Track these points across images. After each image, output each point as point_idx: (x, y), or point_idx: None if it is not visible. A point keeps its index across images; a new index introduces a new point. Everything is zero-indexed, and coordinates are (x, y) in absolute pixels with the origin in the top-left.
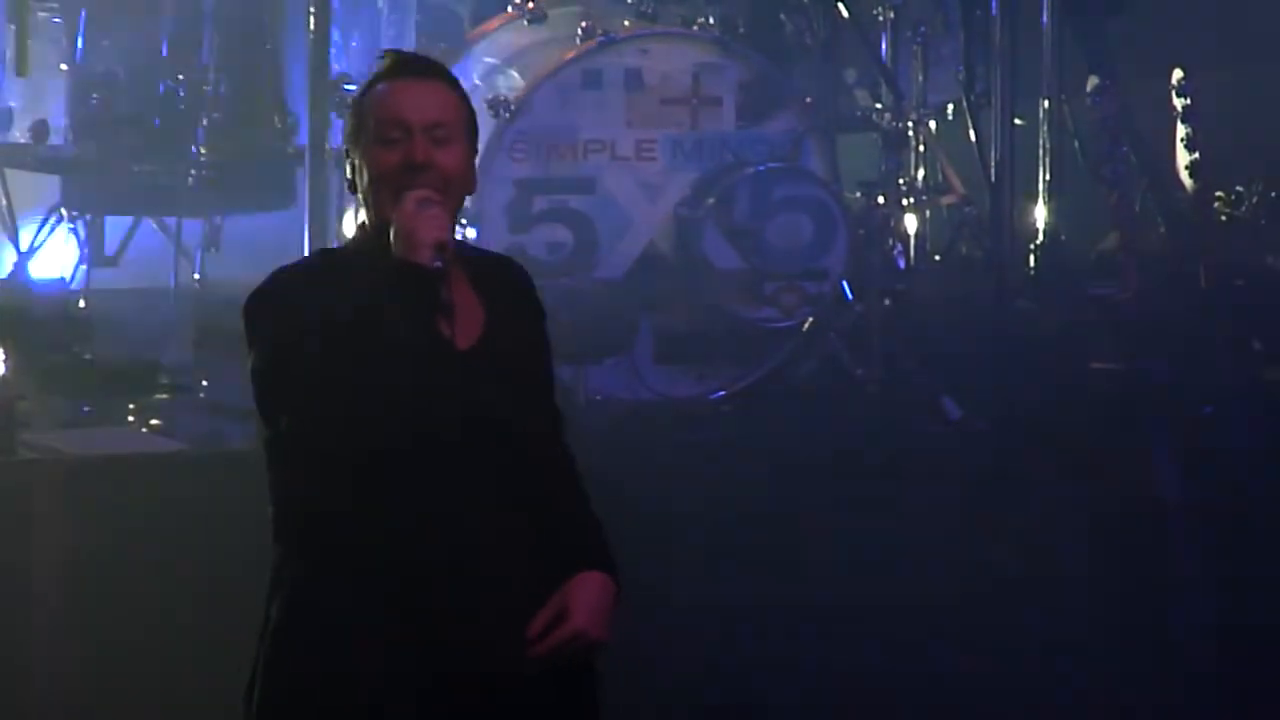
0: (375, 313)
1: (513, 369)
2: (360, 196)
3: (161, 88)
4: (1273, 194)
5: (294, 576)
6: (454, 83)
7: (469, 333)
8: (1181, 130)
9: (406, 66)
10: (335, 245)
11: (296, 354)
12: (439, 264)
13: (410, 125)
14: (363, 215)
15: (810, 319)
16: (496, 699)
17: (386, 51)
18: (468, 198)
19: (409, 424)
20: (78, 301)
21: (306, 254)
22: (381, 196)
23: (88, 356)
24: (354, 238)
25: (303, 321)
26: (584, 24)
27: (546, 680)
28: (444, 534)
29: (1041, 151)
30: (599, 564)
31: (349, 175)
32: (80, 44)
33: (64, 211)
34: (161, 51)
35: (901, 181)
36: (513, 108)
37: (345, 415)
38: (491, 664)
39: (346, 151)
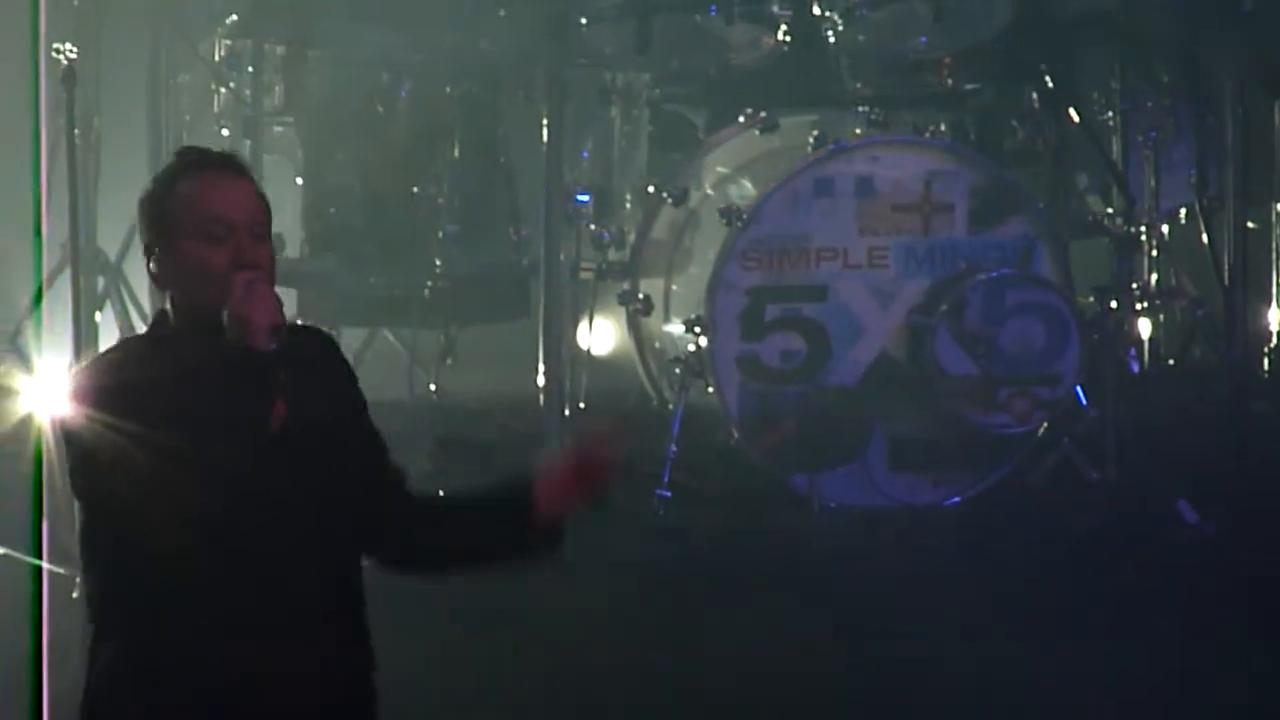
0: (214, 398)
1: (321, 446)
2: (170, 289)
3: (397, 200)
4: None
5: (110, 669)
6: (253, 178)
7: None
8: None
9: (215, 162)
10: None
11: (118, 446)
12: (274, 346)
13: (234, 223)
14: (164, 302)
15: (1044, 424)
16: None
17: (186, 148)
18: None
19: (235, 510)
20: None
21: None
22: (209, 291)
23: None
24: (161, 324)
25: (128, 413)
26: (815, 133)
27: None
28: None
29: (1274, 254)
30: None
31: (153, 268)
32: (313, 157)
33: (300, 324)
34: (396, 164)
35: (1134, 285)
36: (745, 216)
37: (171, 508)
38: None
39: (147, 246)
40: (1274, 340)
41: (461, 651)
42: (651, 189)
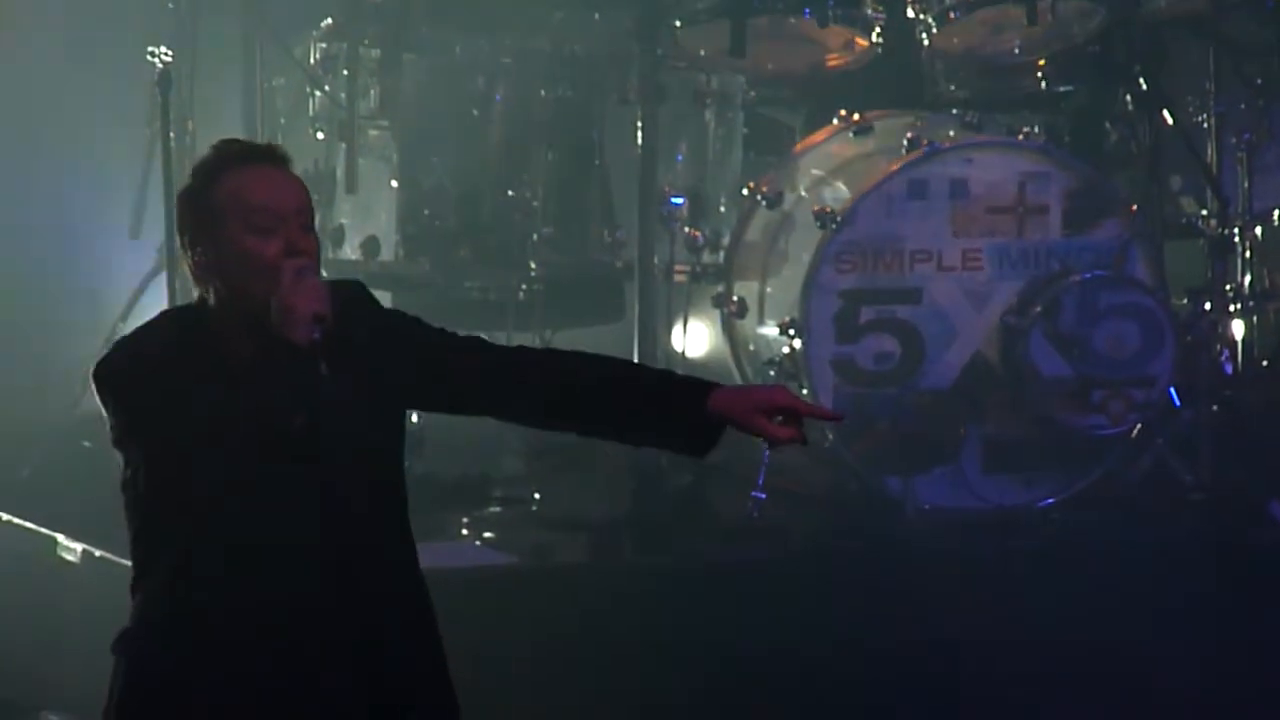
0: (257, 392)
1: (378, 433)
2: (214, 281)
3: (491, 205)
4: None
5: (144, 629)
6: (293, 168)
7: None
8: None
9: (259, 155)
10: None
11: (167, 434)
12: (317, 335)
13: (284, 214)
14: (207, 294)
15: (1139, 426)
16: None
17: (227, 140)
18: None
19: (271, 498)
20: (410, 416)
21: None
22: (257, 282)
23: (420, 472)
24: (202, 308)
25: (166, 399)
26: (909, 135)
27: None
28: (293, 624)
29: None
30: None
31: (195, 261)
32: (409, 161)
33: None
34: (491, 167)
35: (1228, 287)
36: (839, 219)
37: (211, 493)
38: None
39: (190, 240)
40: None
41: (554, 649)
42: (746, 191)
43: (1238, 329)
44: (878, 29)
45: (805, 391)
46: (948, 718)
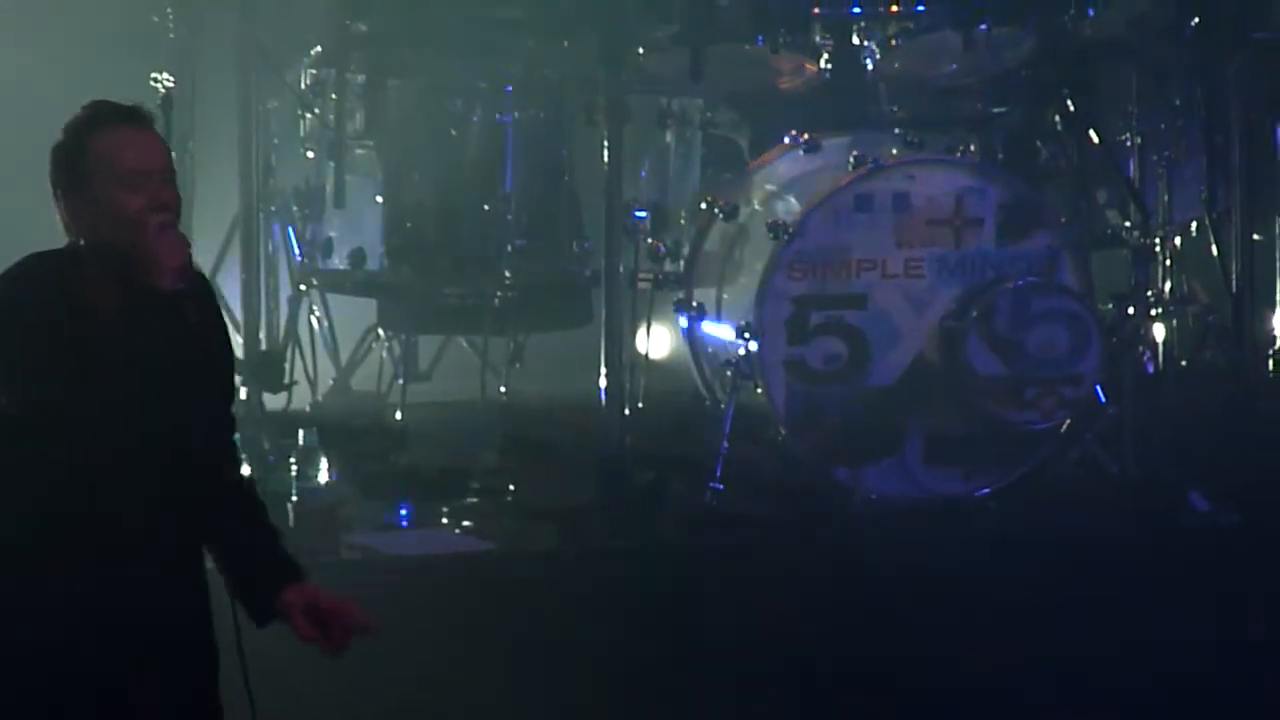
0: (124, 331)
1: (213, 380)
2: (83, 232)
3: (468, 218)
4: None
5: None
6: (157, 128)
7: (198, 349)
8: None
9: (127, 116)
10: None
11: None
12: (180, 286)
13: (149, 170)
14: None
15: (1067, 421)
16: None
17: (97, 101)
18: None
19: (133, 437)
20: (394, 413)
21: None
22: (124, 234)
23: (403, 464)
24: (72, 253)
25: (37, 339)
26: (855, 153)
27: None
28: (133, 540)
29: (1278, 264)
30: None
31: (64, 213)
32: (392, 177)
33: (380, 331)
34: (468, 183)
35: (1150, 293)
36: (790, 230)
37: (78, 425)
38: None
39: (62, 192)
40: (1278, 343)
41: (527, 628)
42: (704, 205)
43: (1159, 332)
44: (825, 54)
45: (760, 391)
46: (888, 674)
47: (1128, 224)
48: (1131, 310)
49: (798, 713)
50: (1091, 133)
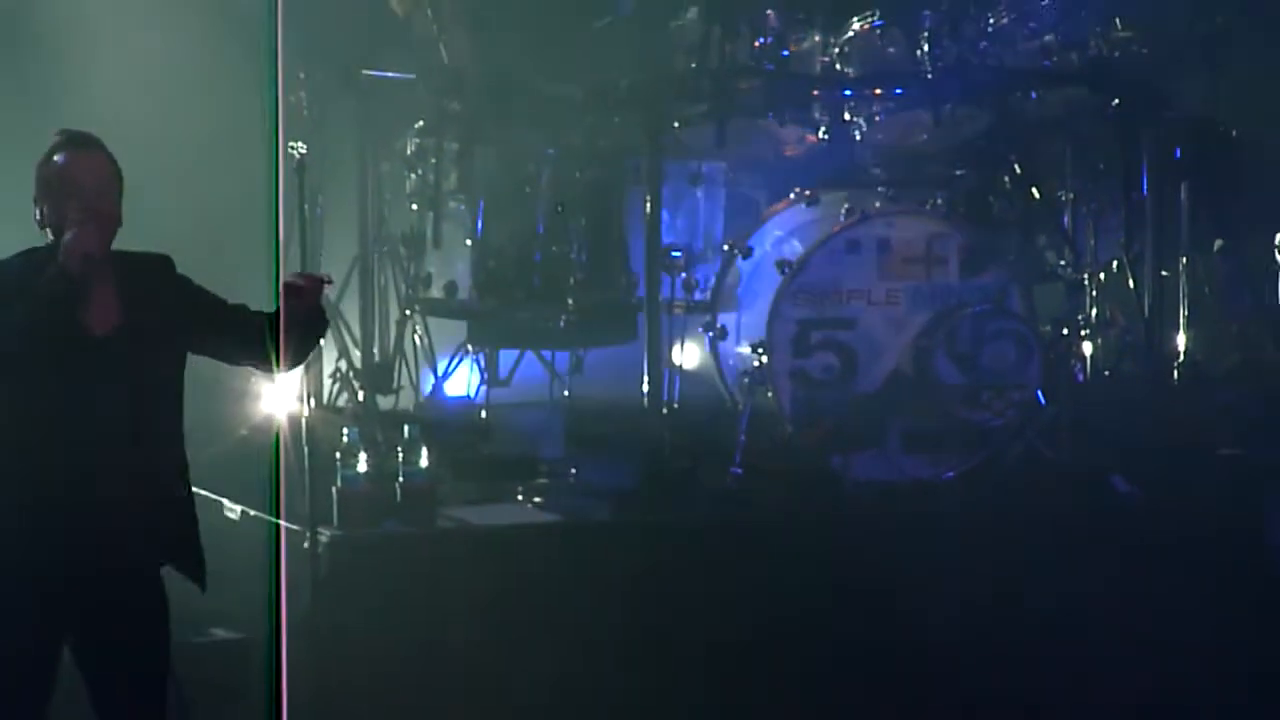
0: (38, 301)
1: (144, 343)
2: (49, 229)
3: (539, 256)
4: None
5: None
6: (106, 151)
7: (107, 321)
8: None
9: (76, 140)
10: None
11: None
12: (84, 269)
13: (83, 184)
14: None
15: (1014, 419)
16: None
17: (62, 130)
18: None
19: (54, 378)
20: (479, 413)
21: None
22: (64, 230)
23: (487, 453)
24: (44, 251)
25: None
26: (846, 205)
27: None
28: (71, 467)
29: (1181, 294)
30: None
31: (37, 215)
32: (479, 225)
33: (469, 347)
34: (538, 230)
35: (1080, 317)
36: (795, 267)
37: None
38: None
39: (37, 199)
40: (1181, 357)
41: (584, 582)
42: (726, 248)
43: (1087, 348)
44: (823, 127)
45: (770, 395)
46: (879, 623)
47: (1062, 262)
48: (1065, 331)
49: (798, 629)
50: (1034, 190)
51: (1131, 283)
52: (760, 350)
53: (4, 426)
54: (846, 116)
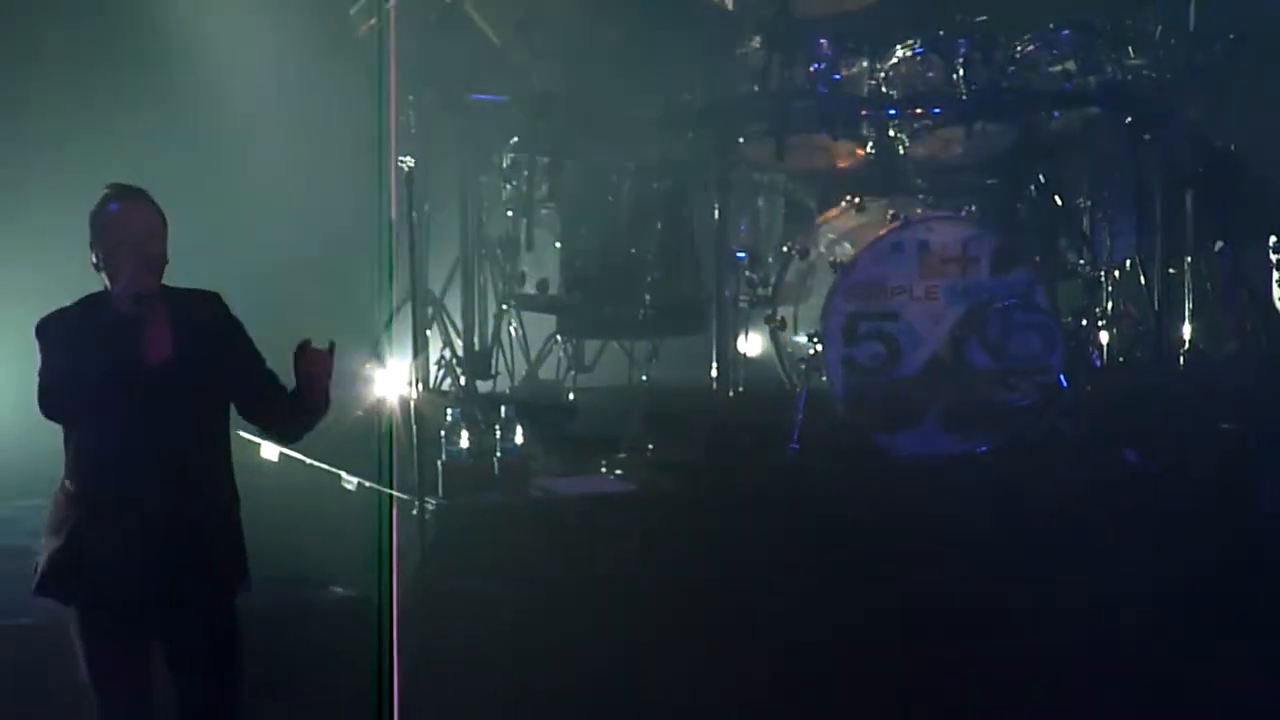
0: (98, 341)
1: (198, 375)
2: (105, 273)
3: (619, 257)
4: None
5: (62, 493)
6: (152, 200)
7: (162, 351)
8: (1276, 274)
9: (123, 193)
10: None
11: (51, 367)
12: (136, 307)
13: (133, 232)
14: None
15: (1040, 399)
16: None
17: (111, 183)
18: None
19: (116, 409)
20: (567, 395)
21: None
22: (117, 276)
23: (573, 431)
24: (101, 296)
25: (59, 345)
26: (891, 211)
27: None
28: (136, 490)
29: (1186, 290)
30: None
31: (95, 260)
32: (567, 229)
33: (559, 337)
34: (619, 234)
35: (1097, 310)
36: (846, 266)
37: (69, 407)
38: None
39: (91, 247)
40: (1186, 345)
41: (661, 542)
42: (785, 249)
43: (1104, 337)
44: (870, 143)
45: (825, 379)
46: (920, 580)
47: (1081, 261)
48: (1084, 322)
49: (848, 585)
50: (1056, 198)
51: (1142, 280)
52: (815, 339)
53: (80, 451)
54: (891, 133)
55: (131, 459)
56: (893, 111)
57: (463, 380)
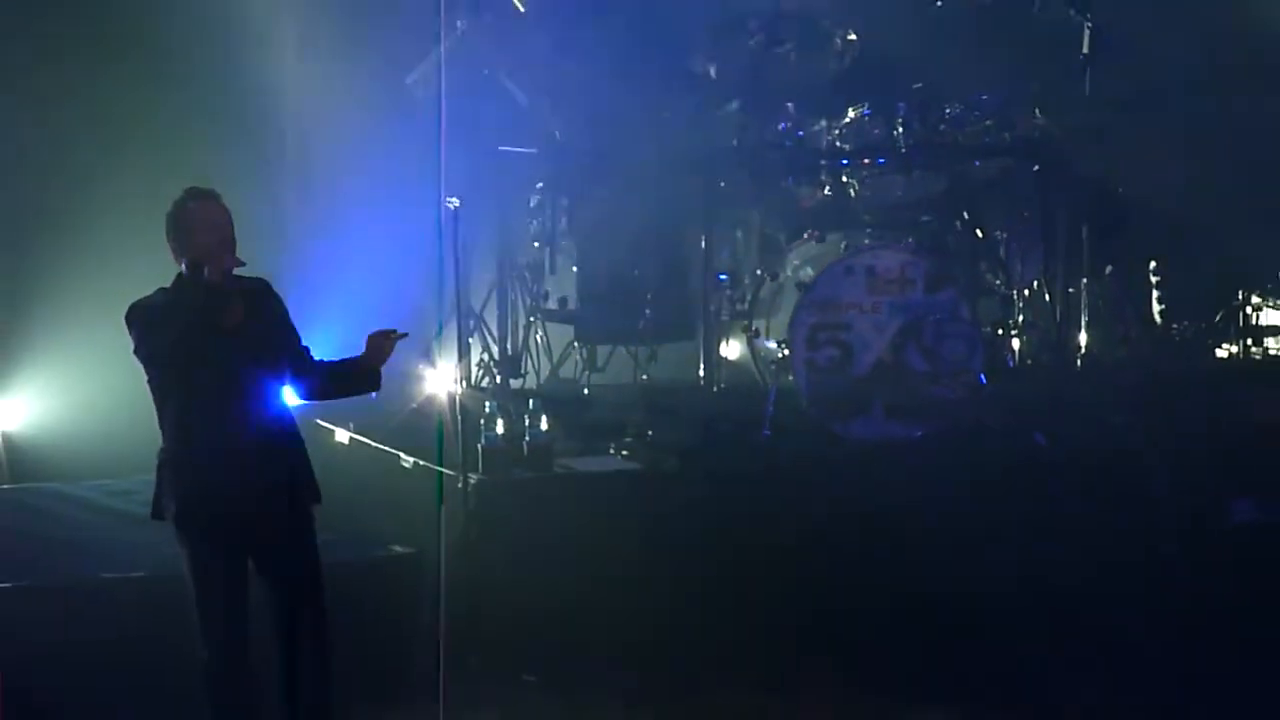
0: (190, 311)
1: (259, 340)
2: (183, 261)
3: (626, 280)
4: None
5: (166, 445)
6: (221, 200)
7: (235, 319)
8: (1155, 293)
9: (199, 193)
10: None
11: (147, 342)
12: (220, 280)
13: (209, 225)
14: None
15: (966, 395)
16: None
17: (189, 186)
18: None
19: (203, 368)
20: (583, 390)
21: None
22: (198, 260)
23: (588, 420)
24: (180, 278)
25: (151, 324)
26: (844, 243)
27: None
28: (222, 430)
29: (1083, 305)
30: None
31: (173, 249)
32: (583, 257)
33: (576, 344)
34: (626, 261)
35: (1010, 321)
36: (808, 286)
37: (173, 366)
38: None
39: (169, 238)
40: (1083, 351)
41: (659, 514)
42: (759, 273)
43: (1015, 343)
44: (827, 186)
45: (791, 378)
46: (872, 539)
47: (998, 282)
48: (1000, 331)
49: (811, 542)
50: (978, 230)
51: (1047, 297)
52: (783, 345)
53: (173, 408)
54: (844, 179)
55: (217, 407)
56: (845, 161)
57: (498, 379)
